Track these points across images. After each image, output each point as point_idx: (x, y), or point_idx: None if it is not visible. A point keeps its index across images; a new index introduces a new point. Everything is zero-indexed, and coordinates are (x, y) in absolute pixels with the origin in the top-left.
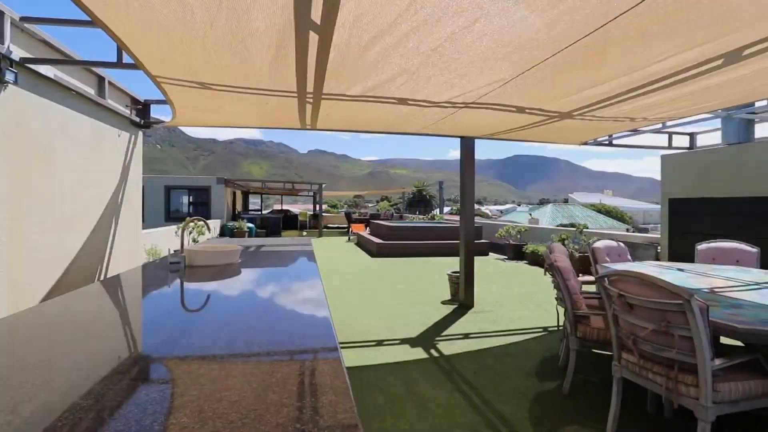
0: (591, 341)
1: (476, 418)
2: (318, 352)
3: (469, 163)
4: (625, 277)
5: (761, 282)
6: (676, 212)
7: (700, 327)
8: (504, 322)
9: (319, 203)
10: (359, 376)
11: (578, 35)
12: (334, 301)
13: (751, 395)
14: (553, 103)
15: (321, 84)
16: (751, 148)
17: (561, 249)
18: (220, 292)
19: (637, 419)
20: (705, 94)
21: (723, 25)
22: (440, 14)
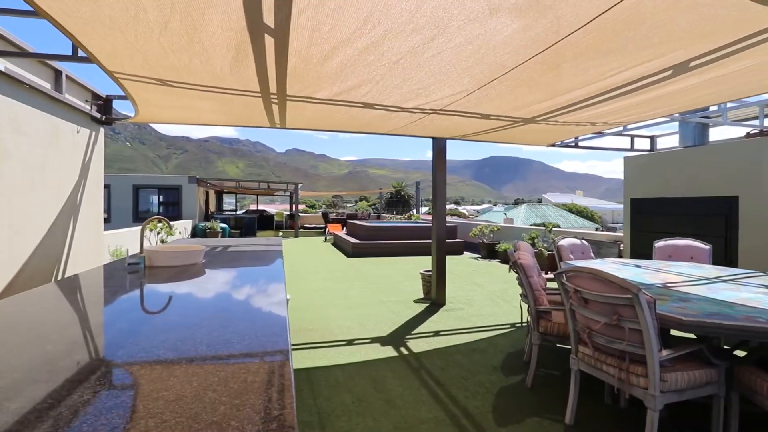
0: (552, 335)
1: (441, 414)
2: (267, 350)
3: (440, 163)
4: (581, 273)
5: (711, 277)
6: (637, 211)
7: (647, 320)
8: (474, 319)
9: (295, 203)
10: (327, 376)
11: (533, 52)
12: (307, 302)
13: (696, 384)
14: (517, 111)
15: (284, 87)
16: (705, 151)
17: (526, 247)
18: (177, 292)
19: (595, 409)
20: (658, 102)
21: (668, 43)
22: (398, 30)
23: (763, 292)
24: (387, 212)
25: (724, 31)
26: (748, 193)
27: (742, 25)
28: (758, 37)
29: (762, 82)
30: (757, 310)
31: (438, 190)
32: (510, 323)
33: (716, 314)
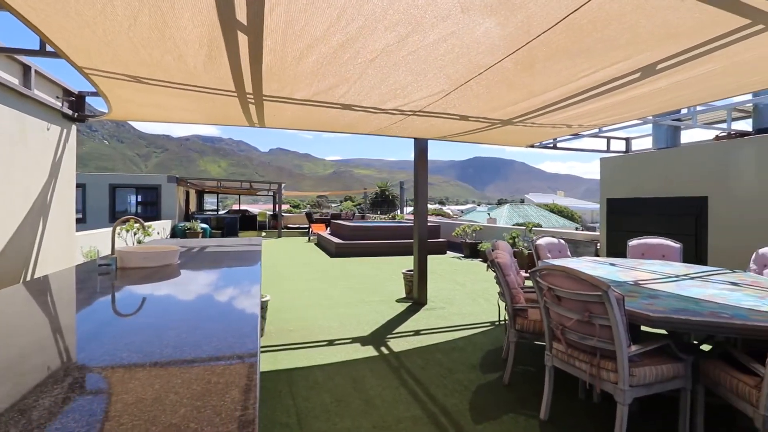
0: (529, 333)
1: (420, 412)
2: (235, 352)
3: (422, 163)
4: (554, 271)
5: (680, 274)
6: (613, 211)
7: (616, 316)
8: (455, 317)
9: (278, 203)
10: (307, 377)
11: (506, 51)
12: (288, 303)
13: (664, 378)
14: (494, 112)
15: (260, 86)
16: (676, 153)
17: (504, 246)
18: (148, 294)
19: (569, 405)
20: (629, 104)
21: (635, 45)
22: (372, 27)
23: (729, 289)
24: (372, 212)
25: (688, 34)
26: (716, 194)
27: (705, 29)
28: (720, 41)
29: (726, 86)
30: (721, 305)
31: (419, 190)
32: (490, 321)
33: (683, 310)
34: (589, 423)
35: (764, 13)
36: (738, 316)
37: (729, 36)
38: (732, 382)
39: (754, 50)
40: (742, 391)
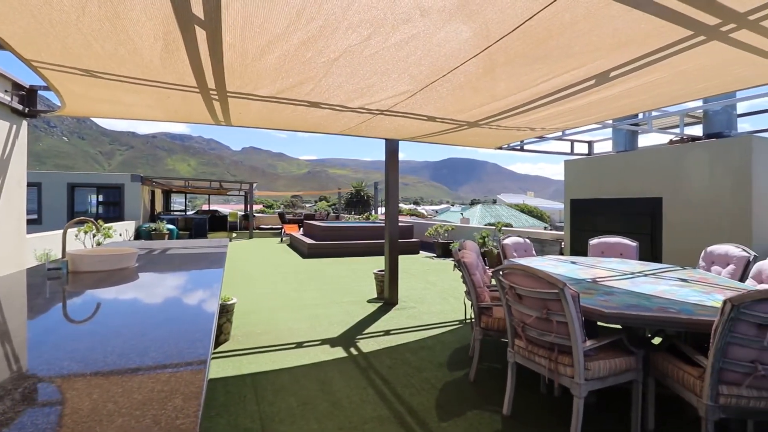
0: (493, 330)
1: (386, 412)
2: (184, 358)
3: (392, 164)
4: (515, 270)
5: (635, 272)
6: (576, 211)
7: (572, 313)
8: (425, 317)
9: (249, 203)
10: (273, 381)
11: (467, 55)
12: (257, 305)
13: (617, 371)
14: (460, 114)
15: (223, 82)
16: (634, 156)
17: (472, 246)
18: (101, 299)
19: (531, 399)
20: (588, 109)
21: (589, 53)
22: (333, 26)
23: (678, 285)
24: (347, 212)
25: (637, 43)
26: (670, 195)
27: (651, 39)
28: (666, 51)
29: (675, 94)
30: (670, 301)
31: (390, 191)
32: (459, 320)
33: (634, 306)
34: (550, 416)
35: (705, 25)
36: (684, 311)
37: (674, 46)
38: (678, 373)
39: (697, 60)
40: (687, 381)
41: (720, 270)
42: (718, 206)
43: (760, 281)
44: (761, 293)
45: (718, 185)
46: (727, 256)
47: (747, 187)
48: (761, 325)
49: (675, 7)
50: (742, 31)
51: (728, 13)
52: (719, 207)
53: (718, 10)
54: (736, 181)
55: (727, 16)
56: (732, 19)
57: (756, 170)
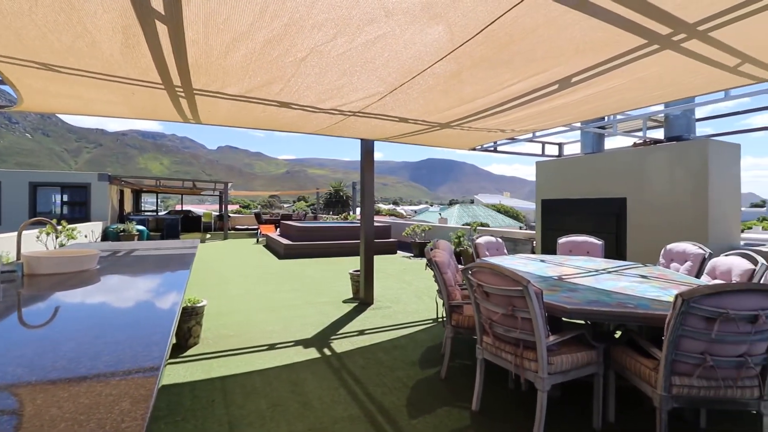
0: (464, 328)
1: (357, 411)
2: (138, 361)
3: (368, 164)
4: (482, 268)
5: (599, 269)
6: (547, 211)
7: (535, 309)
8: (399, 316)
9: (224, 203)
10: (243, 384)
11: (433, 58)
12: (229, 307)
13: (579, 365)
14: (431, 116)
15: (188, 79)
16: (601, 157)
17: (445, 246)
18: (57, 302)
19: (499, 395)
20: (554, 112)
21: (551, 59)
22: (299, 25)
23: (638, 281)
24: (326, 212)
25: (595, 51)
26: (633, 195)
27: (608, 46)
28: (623, 59)
29: (634, 99)
30: (629, 296)
31: (366, 191)
32: (432, 318)
33: (595, 301)
34: (517, 410)
35: (657, 34)
36: (641, 305)
37: (630, 54)
38: (636, 365)
39: (653, 68)
40: (643, 373)
41: (678, 267)
42: (678, 206)
43: (714, 277)
44: (709, 288)
45: (677, 186)
46: (684, 254)
47: (704, 187)
48: (709, 318)
49: (629, 16)
50: (693, 41)
51: (679, 23)
52: (678, 206)
53: (670, 20)
54: (693, 181)
55: (677, 26)
56: (682, 29)
57: (712, 171)
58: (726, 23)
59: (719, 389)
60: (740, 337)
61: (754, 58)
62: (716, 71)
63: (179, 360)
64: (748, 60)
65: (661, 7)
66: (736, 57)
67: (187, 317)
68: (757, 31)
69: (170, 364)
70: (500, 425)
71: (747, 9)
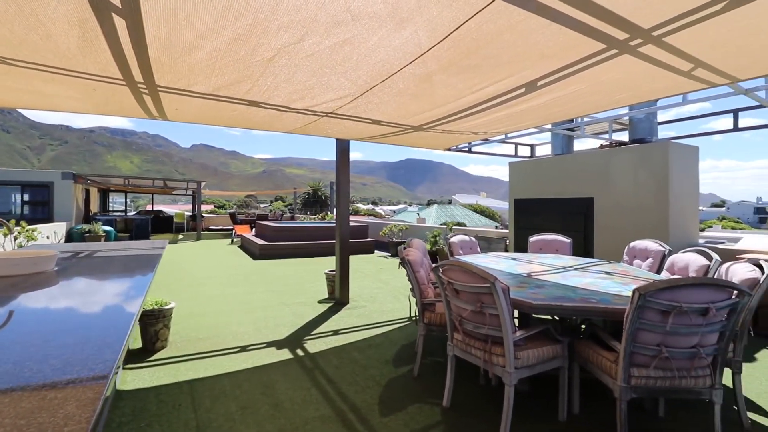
0: (436, 326)
1: (328, 411)
2: (88, 363)
3: (343, 164)
4: (452, 266)
5: (567, 266)
6: (519, 210)
7: (502, 305)
8: (375, 315)
9: (197, 203)
10: (212, 387)
11: (402, 62)
12: (200, 309)
13: (545, 359)
14: (404, 119)
15: (151, 76)
16: (570, 159)
17: (418, 244)
18: (7, 304)
19: (470, 390)
20: (524, 115)
21: (516, 63)
22: (264, 25)
23: (602, 277)
24: (304, 212)
25: (558, 56)
26: (600, 195)
27: (570, 51)
28: (584, 63)
29: (598, 102)
30: (593, 292)
31: (341, 190)
32: (408, 317)
33: (560, 297)
34: (487, 405)
35: (615, 39)
36: (603, 300)
37: (590, 58)
38: (598, 358)
39: (612, 72)
40: (604, 366)
41: (640, 263)
42: (641, 205)
43: (672, 273)
44: (663, 283)
45: (640, 186)
46: (646, 251)
47: (665, 187)
48: (664, 311)
49: (587, 21)
50: (648, 45)
51: (635, 29)
52: (642, 205)
53: (626, 25)
54: (655, 181)
55: (633, 31)
56: (638, 34)
57: (672, 172)
58: (678, 29)
59: (674, 379)
60: (693, 329)
61: (706, 63)
62: (672, 75)
63: (145, 364)
64: (701, 65)
65: (617, 13)
66: (690, 62)
67: (153, 320)
68: (708, 37)
69: (136, 368)
70: (470, 420)
71: (697, 15)
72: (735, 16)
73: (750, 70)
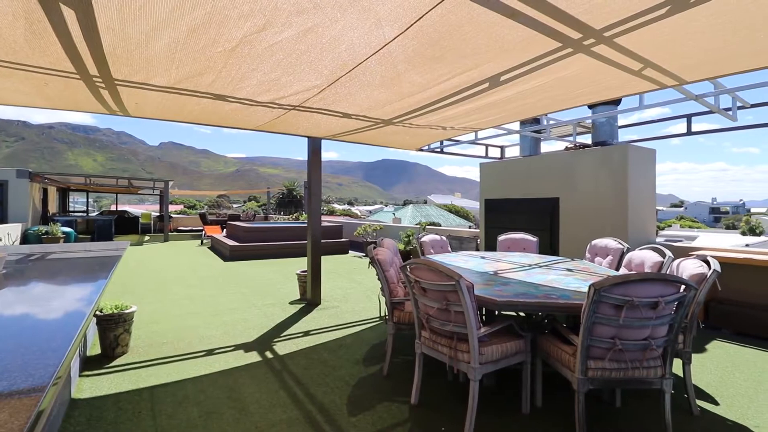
0: (405, 324)
1: (296, 413)
2: (27, 369)
3: (315, 163)
4: (420, 265)
5: (532, 264)
6: (490, 210)
7: (467, 302)
8: (347, 315)
9: (165, 203)
10: (175, 392)
11: (367, 51)
12: (165, 312)
13: (508, 354)
14: (373, 111)
15: (107, 69)
16: (537, 160)
17: (389, 244)
18: None
19: (437, 387)
20: (488, 109)
21: (479, 55)
22: (224, 14)
23: (564, 274)
24: (278, 213)
25: (518, 50)
26: (565, 195)
27: (529, 47)
28: (543, 59)
29: (560, 98)
30: (554, 288)
31: (313, 190)
32: (379, 316)
33: (523, 294)
34: (454, 401)
35: (570, 38)
36: (563, 296)
37: (549, 55)
38: (558, 352)
39: (571, 69)
40: (564, 359)
41: (601, 261)
42: (602, 204)
43: (630, 269)
44: (616, 278)
45: (602, 186)
46: (606, 248)
47: (624, 188)
48: (617, 305)
49: (543, 20)
50: (601, 45)
51: (587, 29)
52: (603, 205)
53: (579, 26)
54: (615, 183)
55: (586, 31)
56: (591, 35)
57: (631, 174)
58: (627, 30)
59: (628, 370)
60: (644, 322)
61: (654, 63)
62: (624, 74)
63: (104, 371)
64: (650, 65)
65: (569, 13)
66: (639, 62)
67: (113, 325)
68: (654, 39)
69: (93, 375)
70: (437, 416)
71: (644, 18)
72: (678, 20)
73: (695, 72)
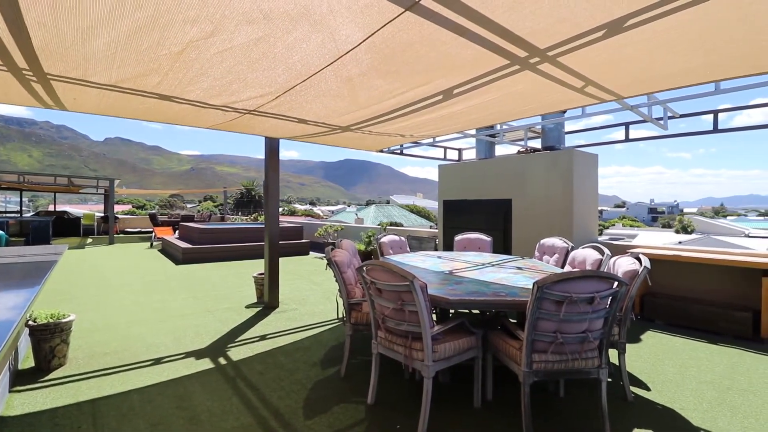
0: (362, 325)
1: (250, 419)
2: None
3: (273, 163)
4: (375, 266)
5: (485, 263)
6: (448, 210)
7: (420, 302)
8: (305, 318)
9: (110, 202)
10: (119, 405)
11: (321, 63)
12: (111, 320)
13: (461, 350)
14: (330, 119)
15: (38, 64)
16: (492, 163)
17: (348, 245)
18: None
19: (394, 386)
20: (446, 120)
21: (431, 71)
22: (168, 18)
23: (514, 272)
24: (236, 213)
25: (468, 67)
26: (517, 197)
27: (479, 64)
28: (492, 75)
29: (510, 111)
30: (504, 286)
31: (270, 191)
32: (339, 318)
33: (475, 292)
34: (410, 399)
35: (517, 56)
36: (511, 294)
37: (498, 71)
38: (506, 347)
39: (519, 85)
40: (511, 353)
41: (549, 259)
42: (551, 205)
43: (573, 266)
44: (557, 276)
45: (550, 188)
46: (553, 247)
47: (569, 190)
48: (558, 301)
49: (491, 38)
50: (545, 64)
51: (532, 48)
52: (551, 206)
53: (525, 45)
54: (562, 185)
55: (531, 50)
56: (536, 54)
57: (576, 177)
58: (569, 51)
59: (568, 362)
60: (582, 316)
61: (594, 81)
62: (569, 91)
63: (39, 385)
64: (591, 83)
65: (515, 33)
66: (581, 80)
67: (48, 335)
68: (593, 59)
69: (26, 390)
70: (393, 414)
71: (583, 40)
72: (613, 43)
73: (630, 88)
